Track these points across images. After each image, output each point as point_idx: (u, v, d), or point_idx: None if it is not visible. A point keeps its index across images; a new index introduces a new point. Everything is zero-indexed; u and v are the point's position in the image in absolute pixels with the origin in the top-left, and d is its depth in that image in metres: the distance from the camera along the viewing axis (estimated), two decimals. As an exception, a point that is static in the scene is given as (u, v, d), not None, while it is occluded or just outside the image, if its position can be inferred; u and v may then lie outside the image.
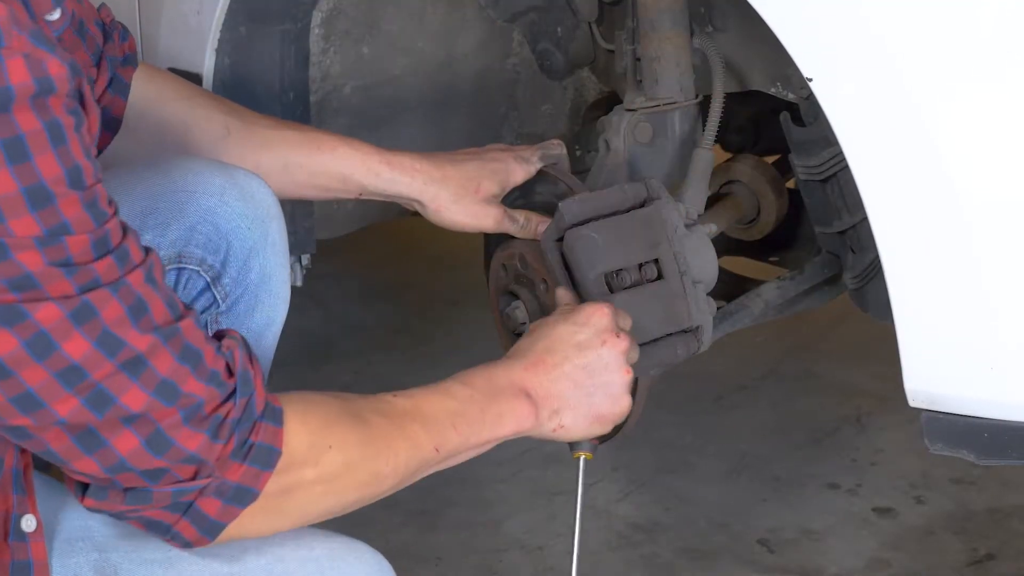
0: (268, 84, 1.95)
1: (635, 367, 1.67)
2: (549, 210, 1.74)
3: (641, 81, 1.80)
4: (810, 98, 1.69)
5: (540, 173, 1.80)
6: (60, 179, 1.05)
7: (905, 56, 1.35)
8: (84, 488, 1.20)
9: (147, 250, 1.15)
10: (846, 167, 1.47)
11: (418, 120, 2.17)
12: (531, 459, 2.57)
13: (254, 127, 1.67)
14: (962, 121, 1.34)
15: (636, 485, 2.50)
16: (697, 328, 1.68)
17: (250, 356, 1.22)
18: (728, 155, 2.09)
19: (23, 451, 1.22)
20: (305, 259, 2.11)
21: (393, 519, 2.33)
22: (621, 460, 2.57)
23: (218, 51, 1.94)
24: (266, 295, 1.52)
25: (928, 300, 1.41)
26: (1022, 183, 1.34)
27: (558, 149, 1.81)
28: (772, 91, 1.80)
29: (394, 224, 2.31)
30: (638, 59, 1.80)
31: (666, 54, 1.76)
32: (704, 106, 1.81)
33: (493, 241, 1.88)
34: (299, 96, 1.97)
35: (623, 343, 1.49)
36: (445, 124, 2.20)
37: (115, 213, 1.12)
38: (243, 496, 1.21)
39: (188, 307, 1.18)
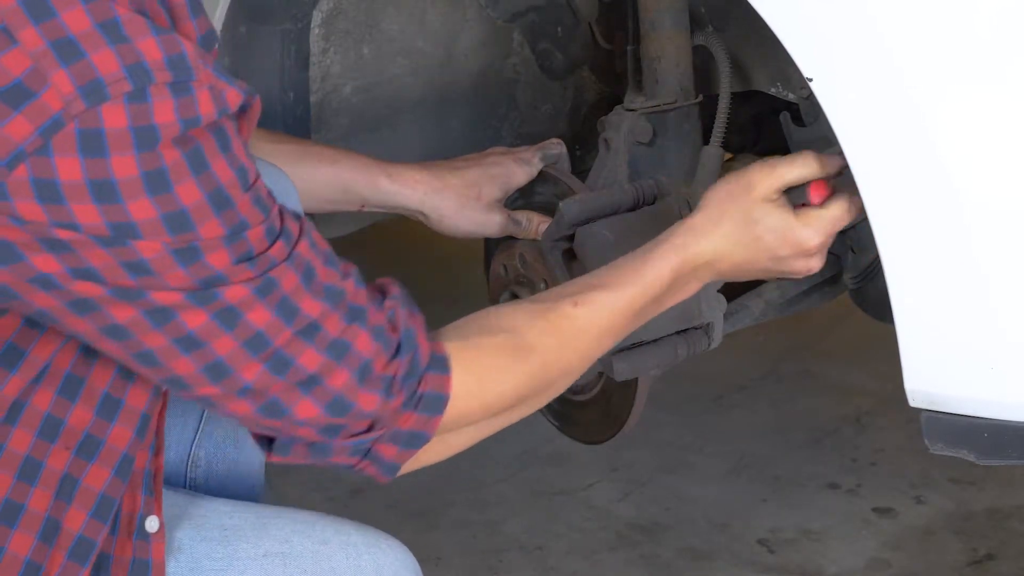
0: (268, 84, 1.95)
1: (635, 367, 1.68)
2: (549, 210, 1.75)
3: (641, 81, 1.80)
4: (810, 98, 1.69)
5: (540, 173, 1.80)
6: (234, 182, 1.12)
7: (905, 56, 1.35)
8: (269, 443, 1.26)
9: (298, 217, 1.21)
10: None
11: (418, 120, 2.17)
12: (531, 459, 2.57)
13: (256, 142, 1.68)
14: (962, 121, 1.34)
15: (636, 485, 2.50)
16: (708, 325, 1.69)
17: (411, 311, 1.27)
18: (729, 155, 2.09)
19: (156, 454, 1.29)
20: (305, 259, 2.10)
21: (393, 519, 2.33)
22: (621, 460, 2.57)
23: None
24: None
25: (928, 300, 1.41)
26: (1022, 183, 1.34)
27: (558, 148, 1.81)
28: (772, 91, 1.80)
29: (394, 224, 2.31)
30: (638, 59, 1.80)
31: (666, 54, 1.76)
32: (704, 106, 1.81)
33: (493, 241, 1.88)
34: (299, 96, 1.97)
35: (815, 266, 1.48)
36: (445, 124, 2.19)
37: (273, 200, 1.18)
38: (417, 440, 1.27)
39: (346, 264, 1.24)
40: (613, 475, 2.53)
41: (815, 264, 1.46)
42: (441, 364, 1.26)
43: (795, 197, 1.45)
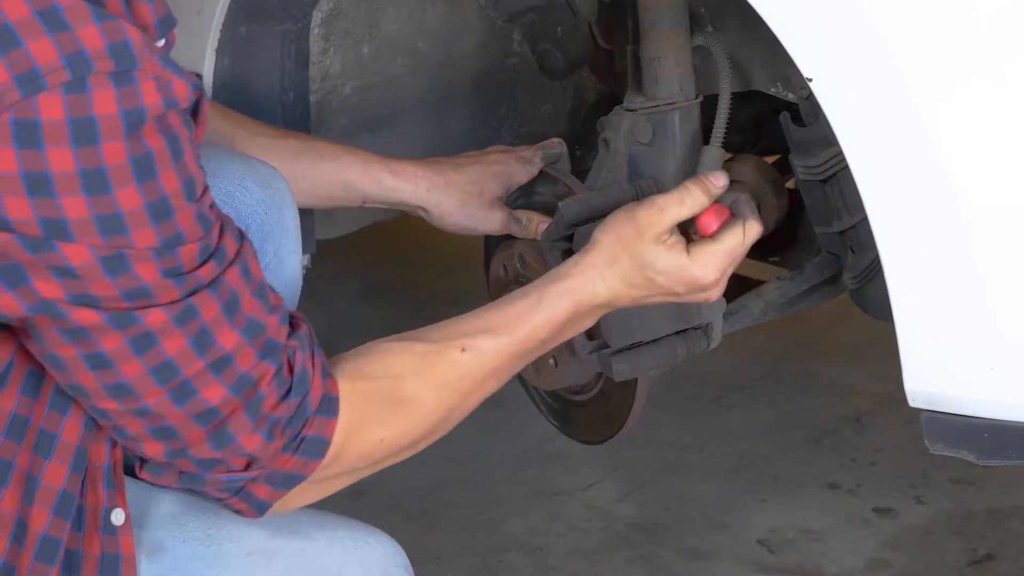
0: (268, 84, 1.95)
1: (635, 367, 1.68)
2: (549, 210, 1.75)
3: (641, 81, 1.80)
4: (810, 98, 1.69)
5: (540, 173, 1.80)
6: (179, 192, 1.10)
7: (905, 56, 1.35)
8: (143, 460, 1.25)
9: (241, 238, 1.20)
10: (846, 167, 1.47)
11: (418, 120, 2.17)
12: (531, 459, 2.57)
13: (258, 137, 1.68)
14: (962, 121, 1.34)
15: (636, 485, 2.50)
16: (707, 325, 1.69)
17: (313, 352, 1.25)
18: (728, 155, 2.09)
19: (114, 447, 1.27)
20: (305, 259, 2.11)
21: (393, 519, 2.33)
22: (621, 460, 2.57)
23: (218, 51, 1.93)
24: (278, 278, 1.53)
25: (928, 300, 1.41)
26: (1021, 183, 1.34)
27: (558, 148, 1.81)
28: (772, 91, 1.80)
29: (394, 224, 2.31)
30: (638, 59, 1.80)
31: (666, 54, 1.76)
32: (705, 106, 1.81)
33: (493, 241, 1.88)
34: (299, 96, 1.97)
35: (714, 297, 1.50)
36: (445, 124, 2.20)
37: (217, 216, 1.16)
38: (292, 481, 1.26)
39: (276, 297, 1.23)
40: (613, 475, 2.53)
41: (713, 295, 1.48)
42: (330, 407, 1.25)
43: (690, 226, 1.46)
